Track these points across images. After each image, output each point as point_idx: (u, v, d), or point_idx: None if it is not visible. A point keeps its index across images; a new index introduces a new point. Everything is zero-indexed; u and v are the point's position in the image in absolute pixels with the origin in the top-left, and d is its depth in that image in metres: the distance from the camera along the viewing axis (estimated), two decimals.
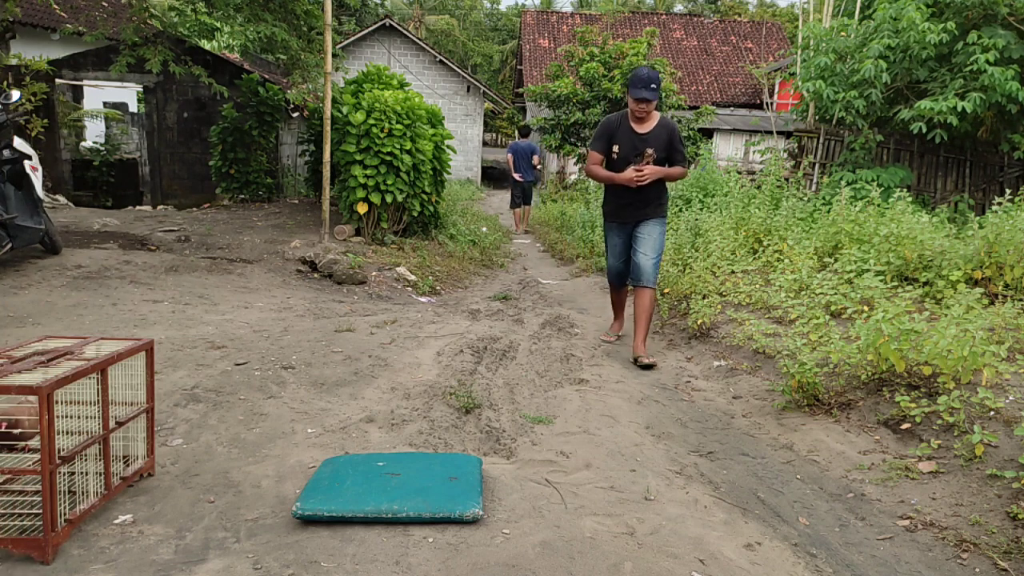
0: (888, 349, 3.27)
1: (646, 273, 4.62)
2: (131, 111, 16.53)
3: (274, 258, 7.06)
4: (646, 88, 4.44)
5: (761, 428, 3.45)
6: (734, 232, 7.01)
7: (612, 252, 5.02)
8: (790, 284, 5.15)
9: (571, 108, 16.62)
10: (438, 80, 24.08)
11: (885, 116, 10.42)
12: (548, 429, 3.28)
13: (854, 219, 6.06)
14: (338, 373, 3.85)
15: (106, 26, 9.44)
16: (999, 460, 2.73)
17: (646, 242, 4.69)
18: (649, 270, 4.63)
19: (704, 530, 2.38)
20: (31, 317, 4.56)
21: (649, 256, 4.66)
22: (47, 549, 2.03)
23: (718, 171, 10.37)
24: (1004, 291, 4.80)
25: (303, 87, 10.46)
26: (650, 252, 4.66)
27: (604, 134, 4.70)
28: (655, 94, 4.44)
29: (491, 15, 46.02)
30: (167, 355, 3.88)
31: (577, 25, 23.96)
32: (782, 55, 23.13)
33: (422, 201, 8.21)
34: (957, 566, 2.29)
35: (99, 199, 12.74)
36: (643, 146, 4.58)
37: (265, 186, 11.24)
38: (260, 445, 2.94)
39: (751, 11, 38.69)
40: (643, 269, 4.63)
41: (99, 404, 2.28)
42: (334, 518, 2.29)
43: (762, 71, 19.44)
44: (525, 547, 2.21)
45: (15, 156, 5.50)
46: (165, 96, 12.08)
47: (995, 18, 9.18)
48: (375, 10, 30.45)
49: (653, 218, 4.71)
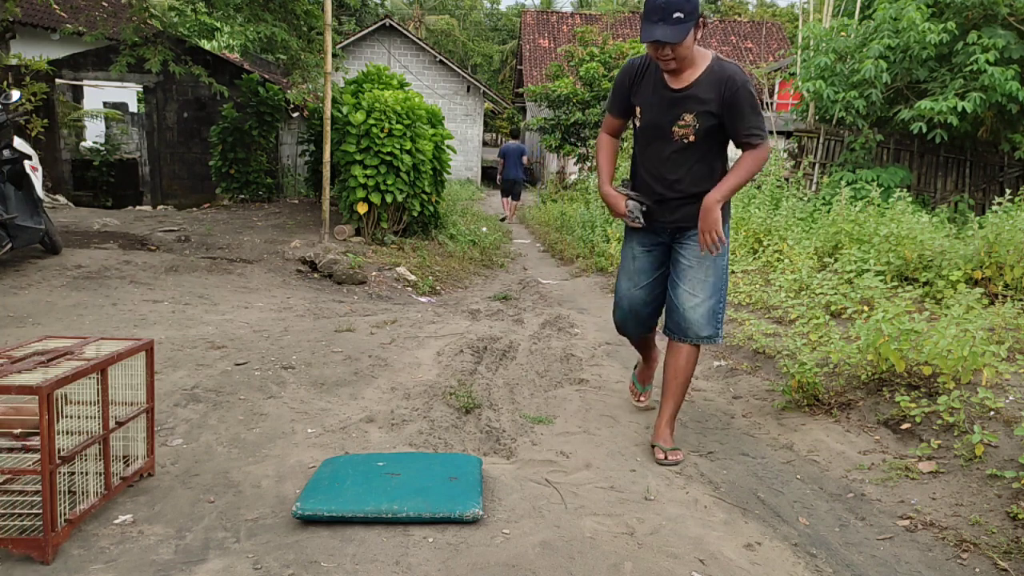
0: (888, 349, 3.27)
1: (692, 324, 2.95)
2: (131, 111, 16.53)
3: (274, 258, 7.06)
4: (663, 21, 2.62)
5: (761, 428, 3.45)
6: (734, 232, 7.01)
7: (625, 272, 3.19)
8: (790, 284, 5.15)
9: (571, 108, 16.63)
10: (438, 80, 24.08)
11: (885, 116, 10.42)
12: (548, 429, 3.28)
13: (854, 219, 6.06)
14: (338, 373, 3.85)
15: (106, 26, 9.44)
16: (999, 460, 2.73)
17: (694, 274, 2.96)
18: (697, 320, 2.94)
19: (704, 530, 2.38)
20: (31, 317, 4.56)
21: (698, 297, 2.94)
22: (47, 549, 2.03)
23: None
24: (1004, 291, 4.80)
25: (303, 87, 10.45)
26: (699, 291, 2.94)
27: (621, 87, 3.02)
28: (681, 31, 2.62)
29: (491, 15, 46.01)
30: (167, 355, 3.88)
31: (577, 25, 23.96)
32: (782, 55, 23.13)
33: (422, 201, 8.21)
34: (957, 566, 2.29)
35: (99, 199, 12.74)
36: (679, 110, 2.85)
37: (265, 186, 11.24)
38: (260, 445, 2.94)
39: (751, 11, 38.68)
40: (687, 318, 2.95)
41: (99, 404, 2.28)
42: (334, 518, 2.29)
43: (762, 71, 19.44)
44: (525, 547, 2.21)
45: (15, 156, 5.50)
46: (165, 96, 12.08)
47: (995, 18, 9.18)
48: (375, 10, 30.46)
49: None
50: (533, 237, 12.85)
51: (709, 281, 2.94)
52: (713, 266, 2.95)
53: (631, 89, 2.99)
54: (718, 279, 2.96)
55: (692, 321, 2.94)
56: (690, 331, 2.95)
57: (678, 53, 2.71)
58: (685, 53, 2.73)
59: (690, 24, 2.64)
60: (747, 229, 7.02)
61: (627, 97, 3.00)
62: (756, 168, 2.85)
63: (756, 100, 2.80)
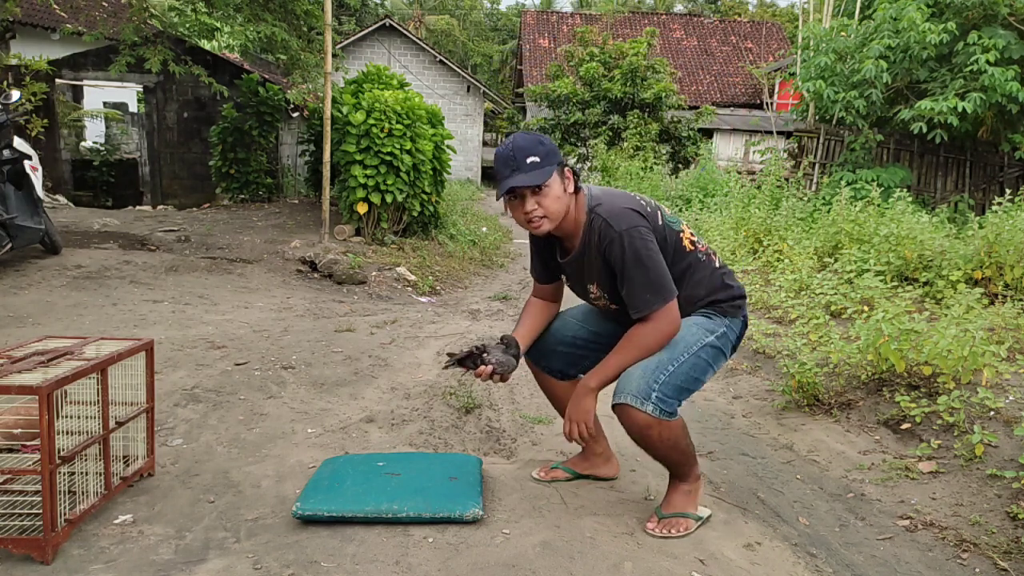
0: (888, 349, 3.27)
1: (625, 382, 2.23)
2: (131, 111, 16.53)
3: (274, 258, 7.06)
4: (517, 170, 2.15)
5: (761, 428, 3.45)
6: (734, 232, 7.01)
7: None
8: (790, 284, 5.15)
9: (571, 108, 16.63)
10: (438, 80, 24.07)
11: (885, 116, 10.43)
12: (548, 429, 3.28)
13: (854, 219, 6.07)
14: (338, 373, 3.85)
15: (106, 26, 9.44)
16: (999, 460, 2.74)
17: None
18: (635, 378, 2.20)
19: (704, 530, 2.38)
20: (31, 317, 4.56)
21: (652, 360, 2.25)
22: (47, 549, 2.03)
23: (718, 171, 10.37)
24: (1004, 291, 4.80)
25: (303, 87, 10.45)
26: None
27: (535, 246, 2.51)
28: (540, 175, 2.14)
29: (491, 15, 46.00)
30: (167, 355, 3.88)
31: (577, 25, 23.96)
32: (782, 55, 23.14)
33: (422, 201, 8.21)
34: (957, 566, 2.29)
35: (99, 199, 12.75)
36: (584, 281, 2.37)
37: (265, 186, 11.24)
38: (260, 445, 2.94)
39: (751, 11, 38.68)
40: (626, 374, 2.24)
41: (99, 404, 2.28)
42: (334, 518, 2.29)
43: (762, 71, 19.46)
44: (525, 547, 2.21)
45: (15, 156, 5.50)
46: (165, 96, 12.08)
47: (995, 18, 9.19)
48: (375, 10, 30.48)
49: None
50: None
51: (673, 340, 2.24)
52: (683, 332, 2.25)
53: (541, 249, 2.47)
54: (686, 346, 2.23)
55: (631, 376, 2.21)
56: (623, 387, 2.21)
57: (545, 205, 2.17)
58: (554, 206, 2.17)
59: (549, 168, 2.14)
60: (747, 229, 7.02)
61: (542, 256, 2.49)
62: (650, 344, 2.19)
63: (644, 251, 2.14)
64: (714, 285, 2.36)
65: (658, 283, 2.17)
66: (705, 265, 2.36)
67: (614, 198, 2.27)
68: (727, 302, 2.36)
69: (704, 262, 2.37)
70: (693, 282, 2.33)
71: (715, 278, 2.37)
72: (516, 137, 2.22)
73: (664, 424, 2.19)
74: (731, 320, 2.36)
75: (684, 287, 2.30)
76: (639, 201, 2.29)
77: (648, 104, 15.73)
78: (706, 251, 2.40)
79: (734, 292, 2.39)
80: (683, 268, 2.32)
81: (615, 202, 2.24)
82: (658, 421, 2.18)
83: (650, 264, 2.16)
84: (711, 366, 2.30)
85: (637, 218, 2.20)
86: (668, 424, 2.20)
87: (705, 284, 2.35)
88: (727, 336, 2.35)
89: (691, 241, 2.35)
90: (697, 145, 15.48)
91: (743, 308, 2.42)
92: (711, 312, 2.34)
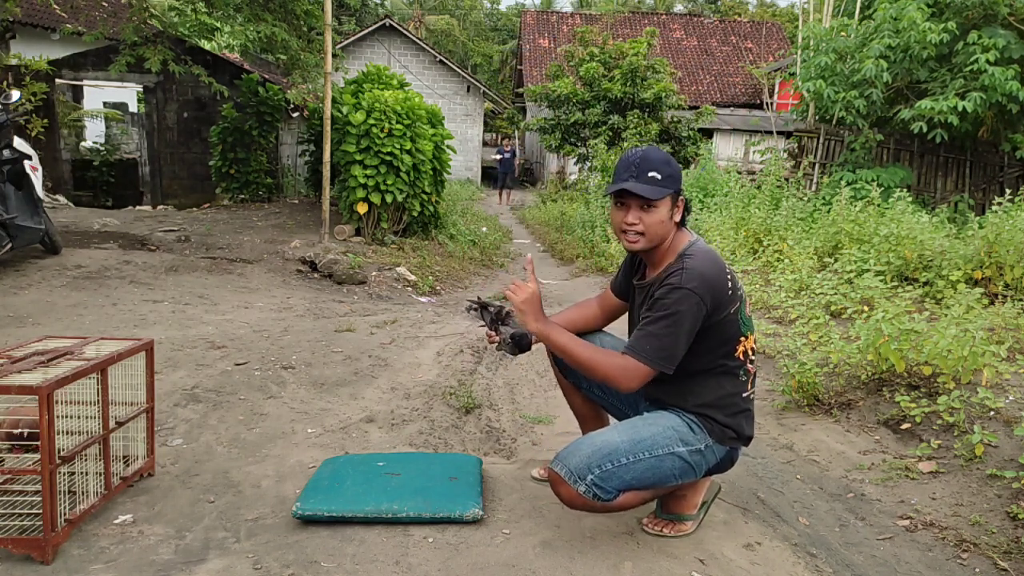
0: (888, 349, 3.27)
1: (569, 452, 2.17)
2: (131, 111, 16.53)
3: (274, 258, 7.06)
4: (636, 177, 2.12)
5: (761, 428, 3.45)
6: (734, 232, 7.01)
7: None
8: (790, 284, 5.15)
9: (571, 108, 16.63)
10: (438, 80, 24.08)
11: (885, 116, 10.43)
12: (548, 429, 3.28)
13: (854, 219, 6.07)
14: (338, 373, 3.85)
15: (106, 26, 9.45)
16: (999, 460, 2.74)
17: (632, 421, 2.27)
18: (580, 453, 2.14)
19: (704, 530, 2.38)
20: (31, 317, 4.56)
21: (609, 433, 2.23)
22: (47, 549, 2.03)
23: (718, 171, 10.37)
24: (1004, 291, 4.80)
25: (303, 87, 10.46)
26: (619, 428, 2.23)
27: (625, 262, 2.50)
28: (654, 191, 2.11)
29: (491, 15, 46.01)
30: (167, 355, 3.88)
31: (577, 25, 23.95)
32: (782, 55, 23.15)
33: (422, 201, 8.21)
34: (957, 566, 2.29)
35: (99, 199, 12.75)
36: (643, 308, 2.23)
37: (265, 186, 11.25)
38: (260, 445, 2.94)
39: (751, 11, 38.69)
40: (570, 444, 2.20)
41: (99, 404, 2.28)
42: (334, 518, 2.29)
43: (762, 71, 19.46)
44: (525, 547, 2.21)
45: (15, 156, 5.50)
46: (165, 96, 12.09)
47: (995, 18, 9.19)
48: (375, 10, 30.49)
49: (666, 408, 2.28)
50: (533, 237, 12.86)
51: (640, 431, 2.17)
52: (654, 428, 2.18)
53: (632, 266, 2.41)
54: (651, 445, 2.14)
55: (569, 447, 2.17)
56: (565, 455, 2.15)
57: (647, 223, 2.13)
58: (655, 227, 2.13)
59: (666, 189, 2.11)
60: (747, 229, 7.02)
61: (628, 274, 2.43)
62: (601, 370, 2.11)
63: (680, 316, 2.05)
64: (725, 404, 2.22)
65: (662, 345, 2.07)
66: (736, 383, 2.23)
67: (708, 261, 2.14)
68: (723, 426, 2.22)
69: (738, 380, 2.23)
70: (712, 384, 2.21)
71: (733, 401, 2.23)
72: (649, 149, 2.17)
73: (594, 504, 2.13)
74: (715, 444, 2.22)
75: (699, 380, 2.20)
76: (726, 280, 2.14)
77: (648, 104, 15.73)
78: (750, 374, 2.26)
79: (736, 426, 2.25)
80: (716, 366, 2.20)
81: (706, 265, 2.12)
82: (585, 500, 2.11)
83: (673, 329, 2.07)
84: (675, 476, 2.18)
85: (705, 291, 2.08)
86: (601, 504, 2.13)
87: (719, 396, 2.21)
88: (703, 456, 2.21)
89: (744, 353, 2.22)
90: (697, 145, 15.47)
91: (737, 448, 2.31)
92: (699, 423, 2.20)
